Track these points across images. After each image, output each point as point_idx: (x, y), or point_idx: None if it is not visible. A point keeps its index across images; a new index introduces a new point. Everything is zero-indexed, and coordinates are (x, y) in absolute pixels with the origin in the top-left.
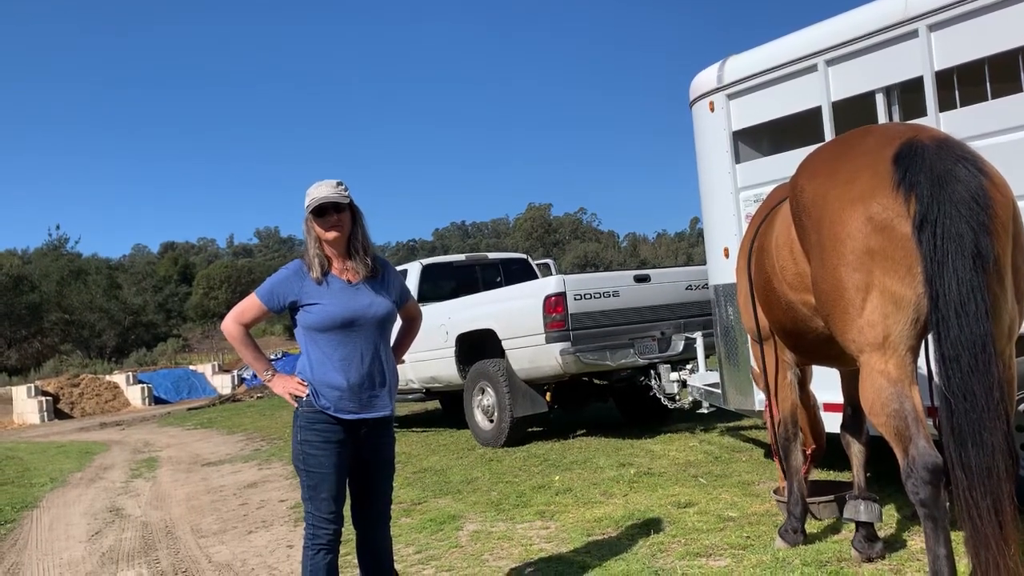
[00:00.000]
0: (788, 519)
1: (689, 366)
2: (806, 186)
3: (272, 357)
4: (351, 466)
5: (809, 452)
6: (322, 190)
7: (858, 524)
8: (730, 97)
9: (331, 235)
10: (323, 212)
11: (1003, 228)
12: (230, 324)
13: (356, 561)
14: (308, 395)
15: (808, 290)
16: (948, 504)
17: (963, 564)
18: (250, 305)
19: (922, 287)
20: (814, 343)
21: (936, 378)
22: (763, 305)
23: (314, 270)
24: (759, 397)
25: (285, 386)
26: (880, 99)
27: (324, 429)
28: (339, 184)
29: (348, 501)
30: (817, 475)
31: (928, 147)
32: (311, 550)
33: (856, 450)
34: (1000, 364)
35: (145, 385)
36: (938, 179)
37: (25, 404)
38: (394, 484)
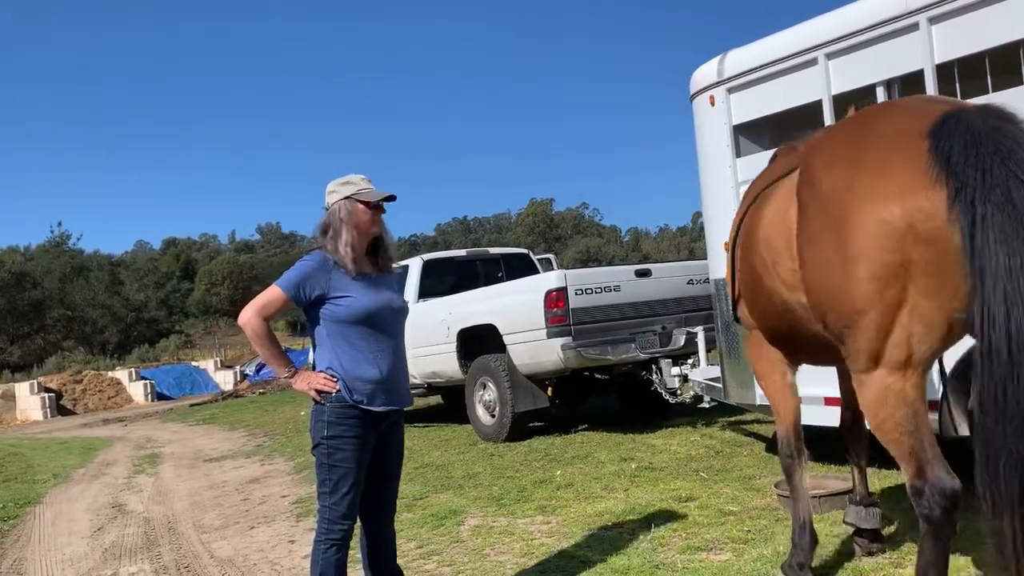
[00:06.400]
0: (793, 552)
1: (690, 360)
2: (824, 177)
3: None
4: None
5: None
6: (370, 185)
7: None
8: (730, 91)
9: (375, 229)
10: (378, 206)
11: None
12: (254, 318)
13: (359, 556)
14: (339, 390)
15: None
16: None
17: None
18: (274, 298)
19: (960, 303)
20: (811, 345)
21: (971, 396)
22: (750, 304)
23: (349, 261)
24: (759, 391)
25: (311, 382)
26: (881, 92)
27: (355, 424)
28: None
29: None
30: (820, 470)
31: (974, 120)
32: (324, 544)
33: (857, 455)
34: None
35: (147, 381)
36: (988, 168)
37: (28, 401)
38: None
